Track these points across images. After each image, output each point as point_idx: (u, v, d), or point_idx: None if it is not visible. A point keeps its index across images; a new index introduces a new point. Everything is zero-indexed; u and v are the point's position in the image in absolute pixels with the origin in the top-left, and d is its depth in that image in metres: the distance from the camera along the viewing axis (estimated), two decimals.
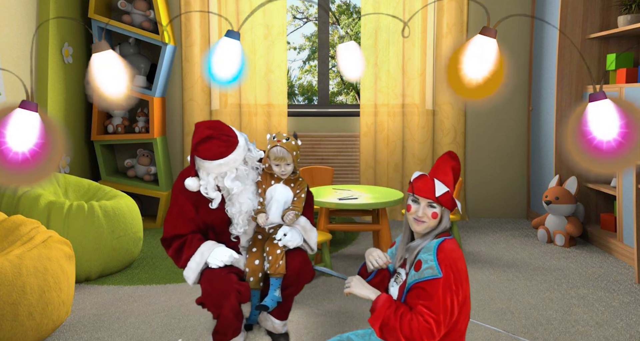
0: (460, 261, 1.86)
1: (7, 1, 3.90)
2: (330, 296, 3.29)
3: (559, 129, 4.59)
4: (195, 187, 2.51)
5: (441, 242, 1.87)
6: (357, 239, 4.54)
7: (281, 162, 2.59)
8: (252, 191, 2.62)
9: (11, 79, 3.93)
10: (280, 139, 2.62)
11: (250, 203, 2.60)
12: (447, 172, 1.94)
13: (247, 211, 2.60)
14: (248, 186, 2.60)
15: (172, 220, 2.56)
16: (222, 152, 2.46)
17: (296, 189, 2.69)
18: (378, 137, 5.19)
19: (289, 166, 2.62)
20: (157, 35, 4.72)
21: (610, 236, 4.13)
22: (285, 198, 2.65)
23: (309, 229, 2.68)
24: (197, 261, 2.49)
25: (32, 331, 2.53)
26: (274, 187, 2.65)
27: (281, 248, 2.57)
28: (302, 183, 2.71)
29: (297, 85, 10.35)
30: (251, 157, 2.61)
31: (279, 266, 2.55)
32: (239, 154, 2.51)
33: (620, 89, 3.92)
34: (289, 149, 2.60)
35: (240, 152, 2.53)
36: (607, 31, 4.19)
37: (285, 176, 2.64)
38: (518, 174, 5.31)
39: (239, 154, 2.52)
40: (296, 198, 2.68)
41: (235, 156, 2.50)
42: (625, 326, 2.87)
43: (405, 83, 5.17)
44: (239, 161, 2.52)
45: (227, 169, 2.49)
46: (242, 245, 2.67)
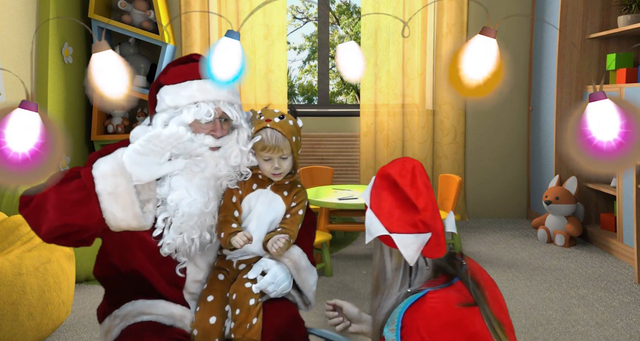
0: (457, 330, 1.21)
1: (7, 1, 3.90)
2: (330, 296, 3.29)
3: (559, 129, 4.59)
4: None
5: (416, 301, 1.28)
6: (357, 239, 4.54)
7: (274, 154, 1.68)
8: (201, 184, 1.65)
9: (11, 79, 3.93)
10: (270, 118, 1.71)
11: (188, 198, 1.62)
12: (386, 200, 1.39)
13: (179, 210, 1.62)
14: (200, 166, 1.65)
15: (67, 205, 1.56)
16: (195, 72, 1.67)
17: (291, 201, 1.76)
18: (378, 137, 5.19)
19: (286, 161, 1.71)
20: (157, 35, 4.72)
21: (610, 236, 4.13)
22: (273, 214, 1.73)
23: (305, 267, 1.75)
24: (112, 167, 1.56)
25: (32, 331, 2.53)
26: (255, 194, 1.72)
27: (256, 297, 1.63)
28: (301, 192, 1.79)
29: (297, 85, 10.35)
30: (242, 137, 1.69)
31: (251, 328, 1.59)
32: (231, 96, 1.69)
33: (620, 89, 3.92)
34: (286, 133, 1.70)
35: (224, 91, 1.68)
36: (607, 31, 4.19)
37: (279, 177, 1.72)
38: (518, 174, 5.31)
39: (232, 98, 1.69)
40: (289, 214, 1.75)
41: (212, 84, 1.65)
42: (625, 326, 2.87)
43: (405, 83, 5.17)
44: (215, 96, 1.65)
45: (188, 100, 1.64)
46: (189, 290, 1.71)
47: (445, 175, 4.25)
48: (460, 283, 1.34)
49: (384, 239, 1.37)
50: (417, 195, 1.34)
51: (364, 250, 4.22)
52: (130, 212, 1.56)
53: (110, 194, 1.54)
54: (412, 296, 1.29)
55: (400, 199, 1.36)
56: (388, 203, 1.38)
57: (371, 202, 1.42)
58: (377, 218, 1.37)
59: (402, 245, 1.33)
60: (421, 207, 1.33)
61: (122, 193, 1.54)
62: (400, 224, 1.34)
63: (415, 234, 1.33)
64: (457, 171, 5.15)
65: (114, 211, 1.55)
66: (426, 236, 1.34)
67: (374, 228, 1.38)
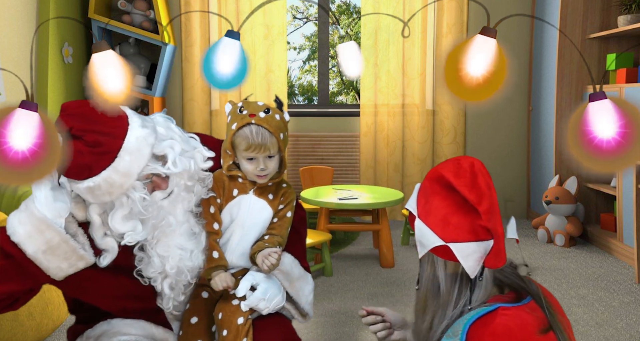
0: None
1: (7, 1, 3.90)
2: (330, 296, 3.29)
3: (559, 129, 4.59)
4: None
5: (485, 314, 1.15)
6: (357, 239, 4.53)
7: (259, 153, 1.51)
8: (185, 230, 1.49)
9: (11, 79, 3.93)
10: (254, 113, 1.52)
11: (183, 254, 1.47)
12: (438, 206, 1.23)
13: (180, 269, 1.47)
14: (173, 222, 1.47)
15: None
16: (87, 165, 1.37)
17: (278, 204, 1.59)
18: (378, 137, 5.19)
19: (272, 161, 1.54)
20: (157, 35, 4.72)
21: (610, 236, 4.13)
22: (261, 222, 1.57)
23: (298, 277, 1.60)
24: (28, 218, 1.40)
25: (32, 331, 2.53)
26: (236, 202, 1.56)
27: (245, 315, 1.49)
28: (288, 192, 1.62)
29: (297, 85, 10.35)
30: (190, 169, 1.48)
31: None
32: (130, 167, 1.39)
33: (620, 89, 3.92)
34: (274, 130, 1.51)
35: (137, 155, 1.39)
36: (607, 31, 4.19)
37: (265, 179, 1.55)
38: (518, 174, 5.31)
39: (132, 166, 1.39)
40: (277, 218, 1.59)
41: (119, 172, 1.38)
42: (625, 326, 2.87)
43: (405, 83, 5.17)
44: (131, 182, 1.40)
45: (113, 196, 1.40)
46: (171, 310, 1.55)
47: None
48: (533, 303, 1.19)
49: (438, 251, 1.21)
50: (479, 197, 1.19)
51: (364, 250, 4.22)
52: (74, 257, 1.40)
53: (45, 251, 1.38)
54: (482, 309, 1.16)
55: (458, 203, 1.21)
56: (442, 210, 1.21)
57: (419, 210, 1.26)
58: (429, 228, 1.21)
59: (462, 256, 1.18)
60: (483, 210, 1.18)
61: (58, 243, 1.38)
62: (459, 232, 1.19)
63: (477, 242, 1.18)
64: None
65: (59, 265, 1.40)
66: (489, 243, 1.19)
67: (427, 239, 1.22)
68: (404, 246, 4.33)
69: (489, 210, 1.18)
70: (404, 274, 3.66)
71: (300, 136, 5.26)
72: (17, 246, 1.38)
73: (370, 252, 4.17)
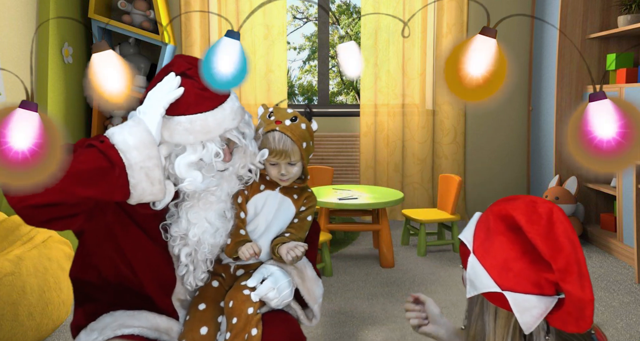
0: None
1: (7, 1, 3.90)
2: (330, 296, 3.29)
3: (559, 129, 4.59)
4: None
5: None
6: (357, 239, 4.53)
7: (281, 160, 1.57)
8: (219, 209, 1.54)
9: (11, 79, 3.93)
10: (281, 120, 1.59)
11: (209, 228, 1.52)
12: (500, 248, 1.09)
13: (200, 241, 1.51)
14: (216, 195, 1.53)
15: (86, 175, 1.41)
16: (194, 101, 1.47)
17: (301, 205, 1.65)
18: (378, 137, 5.19)
19: (294, 167, 1.59)
20: (157, 35, 4.72)
21: (610, 236, 4.13)
22: (283, 219, 1.63)
23: (310, 277, 1.63)
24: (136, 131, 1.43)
25: (32, 331, 2.53)
26: (263, 196, 1.61)
27: (255, 306, 1.50)
28: (311, 197, 1.68)
29: (297, 85, 10.35)
30: (245, 146, 1.54)
31: (250, 340, 1.45)
32: (222, 121, 1.49)
33: (620, 89, 3.92)
34: (296, 139, 1.57)
35: (231, 117, 1.50)
36: (607, 31, 4.19)
37: (286, 182, 1.62)
38: (518, 174, 5.31)
39: (224, 121, 1.49)
40: (298, 219, 1.64)
41: (214, 119, 1.47)
42: (625, 326, 2.87)
43: (405, 83, 5.17)
44: (219, 132, 1.48)
45: (197, 139, 1.46)
46: (179, 296, 1.59)
47: (445, 175, 4.26)
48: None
49: (492, 296, 1.09)
50: (555, 251, 1.03)
51: (364, 250, 4.22)
52: (157, 185, 1.43)
53: (142, 168, 1.40)
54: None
55: (526, 250, 1.07)
56: (505, 253, 1.08)
57: (475, 246, 1.13)
58: (484, 269, 1.09)
59: (519, 308, 1.06)
60: (558, 268, 1.03)
61: (153, 166, 1.41)
62: (519, 281, 1.06)
63: (539, 296, 1.05)
64: (457, 171, 5.15)
65: (144, 186, 1.41)
66: (554, 299, 1.07)
67: (480, 281, 1.10)
68: (404, 246, 4.33)
69: (564, 269, 1.03)
70: (404, 275, 3.66)
71: None
72: (119, 154, 1.40)
73: (370, 252, 4.17)
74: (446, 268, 3.79)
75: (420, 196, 5.19)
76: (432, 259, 3.98)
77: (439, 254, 4.12)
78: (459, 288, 3.40)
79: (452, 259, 3.99)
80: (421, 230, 4.03)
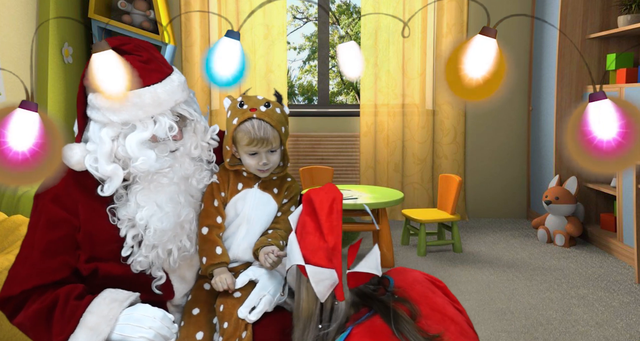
0: None
1: (7, 1, 3.90)
2: None
3: (559, 129, 4.59)
4: (81, 158, 1.43)
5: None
6: (357, 239, 4.53)
7: (261, 148, 1.49)
8: (171, 192, 1.47)
9: (11, 79, 3.93)
10: (255, 107, 1.51)
11: (157, 212, 1.44)
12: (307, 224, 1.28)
13: (147, 224, 1.44)
14: (169, 177, 1.46)
15: (27, 262, 1.45)
16: (139, 76, 1.40)
17: (282, 198, 1.59)
18: (378, 137, 5.19)
19: (274, 155, 1.53)
20: (157, 35, 4.72)
21: (610, 236, 4.13)
22: (266, 216, 1.56)
23: None
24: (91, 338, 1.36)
25: None
26: (241, 196, 1.55)
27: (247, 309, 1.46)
28: (292, 186, 1.62)
29: (297, 85, 10.35)
30: (199, 129, 1.51)
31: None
32: (173, 93, 1.43)
33: (620, 89, 3.92)
34: (275, 123, 1.50)
35: (181, 88, 1.46)
36: (607, 31, 4.19)
37: (267, 173, 1.54)
38: (518, 174, 5.31)
39: (174, 93, 1.44)
40: (281, 212, 1.58)
41: (164, 91, 1.41)
42: (625, 326, 2.87)
43: (405, 83, 5.17)
44: (170, 105, 1.43)
45: (147, 114, 1.40)
46: (173, 302, 1.56)
47: (445, 175, 4.25)
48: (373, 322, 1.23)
49: (302, 269, 1.24)
50: (329, 230, 1.23)
51: (364, 250, 4.22)
52: None
53: None
54: (339, 338, 1.19)
55: (317, 228, 1.25)
56: (311, 230, 1.25)
57: (297, 226, 1.30)
58: (297, 244, 1.25)
59: (315, 280, 1.22)
60: (331, 245, 1.23)
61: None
62: (318, 256, 1.22)
63: (331, 270, 1.22)
64: (457, 171, 5.15)
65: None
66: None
67: (292, 254, 1.26)
68: (404, 246, 4.33)
69: (334, 247, 1.23)
70: None
71: (300, 136, 5.26)
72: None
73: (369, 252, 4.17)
74: (446, 268, 3.79)
75: (420, 196, 5.19)
76: (432, 259, 3.98)
77: (439, 254, 4.12)
78: (458, 288, 3.40)
79: (452, 259, 3.99)
80: (421, 230, 4.03)
